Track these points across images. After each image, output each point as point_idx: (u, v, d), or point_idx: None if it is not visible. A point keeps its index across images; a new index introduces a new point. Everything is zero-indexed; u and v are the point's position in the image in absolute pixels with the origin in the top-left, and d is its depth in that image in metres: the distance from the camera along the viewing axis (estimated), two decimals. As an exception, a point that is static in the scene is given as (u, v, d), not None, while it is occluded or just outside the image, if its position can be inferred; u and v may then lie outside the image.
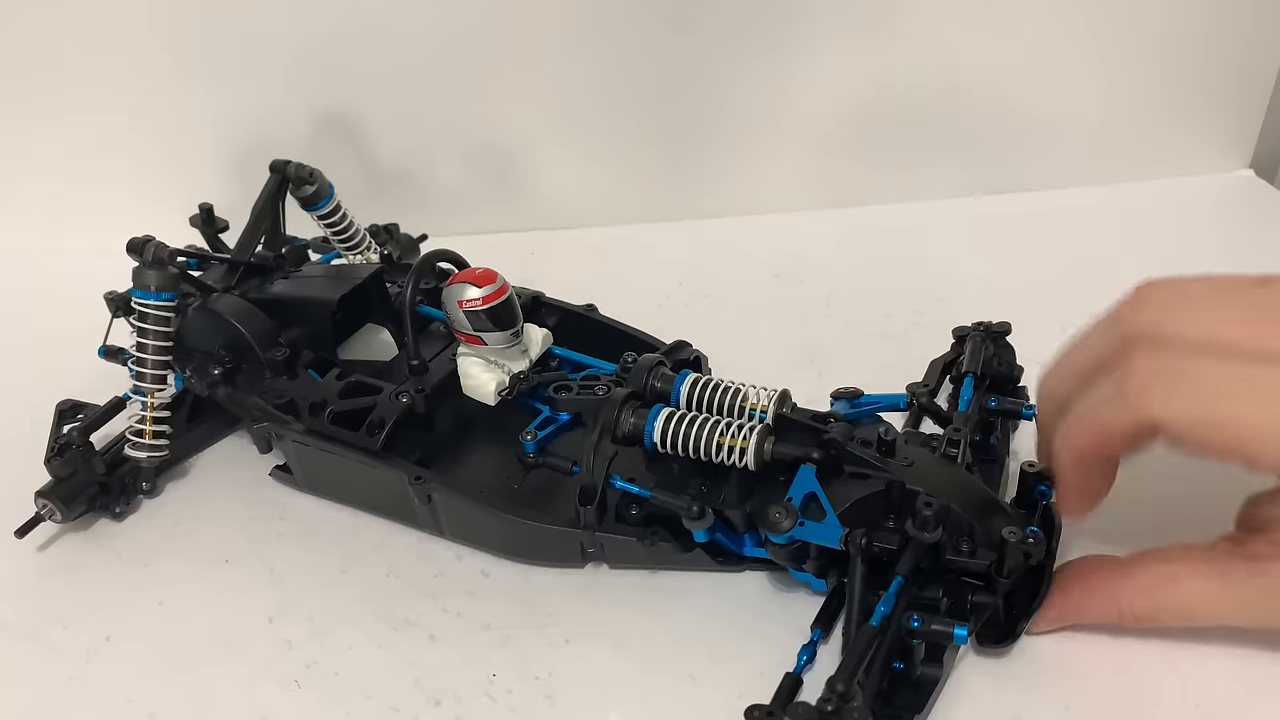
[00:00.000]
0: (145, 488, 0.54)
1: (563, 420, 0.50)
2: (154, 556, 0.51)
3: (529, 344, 0.53)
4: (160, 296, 0.52)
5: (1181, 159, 0.82)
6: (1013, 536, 0.41)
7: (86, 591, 0.50)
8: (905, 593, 0.41)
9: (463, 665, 0.44)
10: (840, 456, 0.45)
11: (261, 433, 0.52)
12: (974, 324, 0.55)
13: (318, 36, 0.73)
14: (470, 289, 0.49)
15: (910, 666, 0.40)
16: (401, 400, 0.50)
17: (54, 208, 0.79)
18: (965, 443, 0.46)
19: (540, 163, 0.79)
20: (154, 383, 0.53)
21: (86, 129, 0.76)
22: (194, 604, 0.49)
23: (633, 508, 0.47)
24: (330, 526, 0.52)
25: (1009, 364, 0.54)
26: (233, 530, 0.52)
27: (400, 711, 0.43)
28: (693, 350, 0.54)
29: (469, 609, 0.47)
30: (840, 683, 0.36)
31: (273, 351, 0.53)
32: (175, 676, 0.45)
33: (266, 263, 0.59)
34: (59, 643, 0.47)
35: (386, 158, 0.79)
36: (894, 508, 0.44)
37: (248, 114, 0.75)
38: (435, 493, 0.48)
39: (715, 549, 0.47)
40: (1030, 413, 0.50)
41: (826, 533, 0.42)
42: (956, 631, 0.39)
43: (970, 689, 0.42)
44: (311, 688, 0.44)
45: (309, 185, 0.60)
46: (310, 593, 0.49)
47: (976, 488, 0.45)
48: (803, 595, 0.47)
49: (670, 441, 0.46)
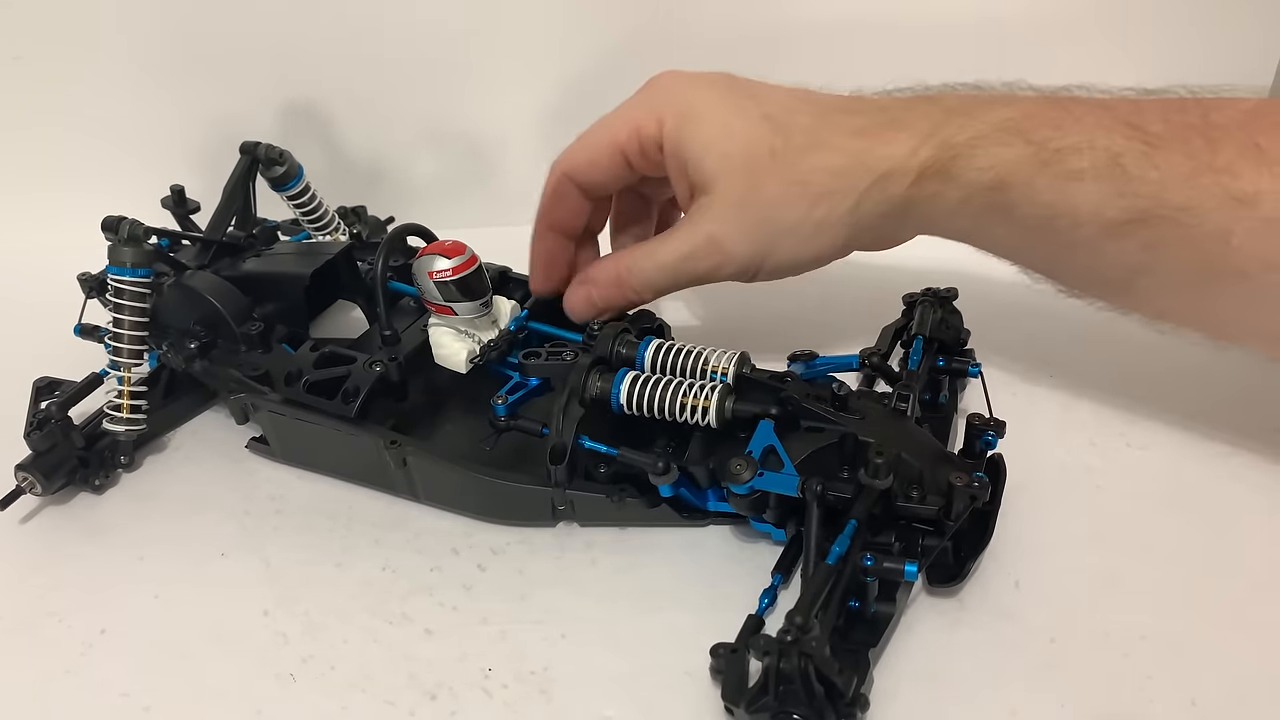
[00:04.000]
0: (124, 461, 0.55)
1: (532, 385, 0.52)
2: (149, 549, 0.51)
3: (498, 314, 0.55)
4: (136, 273, 0.53)
5: None
6: (959, 481, 0.43)
7: (82, 584, 0.50)
8: (859, 536, 0.43)
9: (459, 660, 0.45)
10: (797, 412, 0.47)
11: (238, 404, 0.54)
12: (923, 290, 0.57)
13: (315, 29, 0.74)
14: (440, 260, 0.51)
15: (865, 603, 0.43)
16: (375, 369, 0.51)
17: (21, 201, 0.78)
18: (914, 398, 0.49)
19: (542, 155, 0.79)
20: (130, 358, 0.54)
21: (56, 122, 0.76)
22: (190, 597, 0.49)
23: (601, 466, 0.49)
24: (326, 520, 0.52)
25: (956, 327, 0.56)
26: (229, 523, 0.53)
27: (396, 705, 0.43)
28: (656, 319, 0.56)
29: (465, 603, 0.48)
30: (799, 615, 0.38)
31: (247, 326, 0.55)
32: (171, 670, 0.45)
33: (238, 242, 0.61)
34: (54, 636, 0.47)
35: (384, 152, 0.79)
36: (848, 458, 0.46)
37: (220, 109, 0.74)
38: (410, 456, 0.50)
39: (681, 504, 0.50)
40: (975, 371, 0.53)
41: (784, 482, 0.44)
42: (907, 568, 0.41)
43: (971, 690, 0.43)
44: (307, 681, 0.44)
45: (279, 166, 0.61)
46: (306, 586, 0.49)
47: (925, 439, 0.47)
48: (765, 546, 0.49)
49: (636, 403, 0.49)
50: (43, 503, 0.54)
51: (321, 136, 0.77)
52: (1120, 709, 0.41)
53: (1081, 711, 0.41)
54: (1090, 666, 0.43)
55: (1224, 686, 0.42)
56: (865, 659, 0.41)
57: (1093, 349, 0.60)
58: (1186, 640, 0.44)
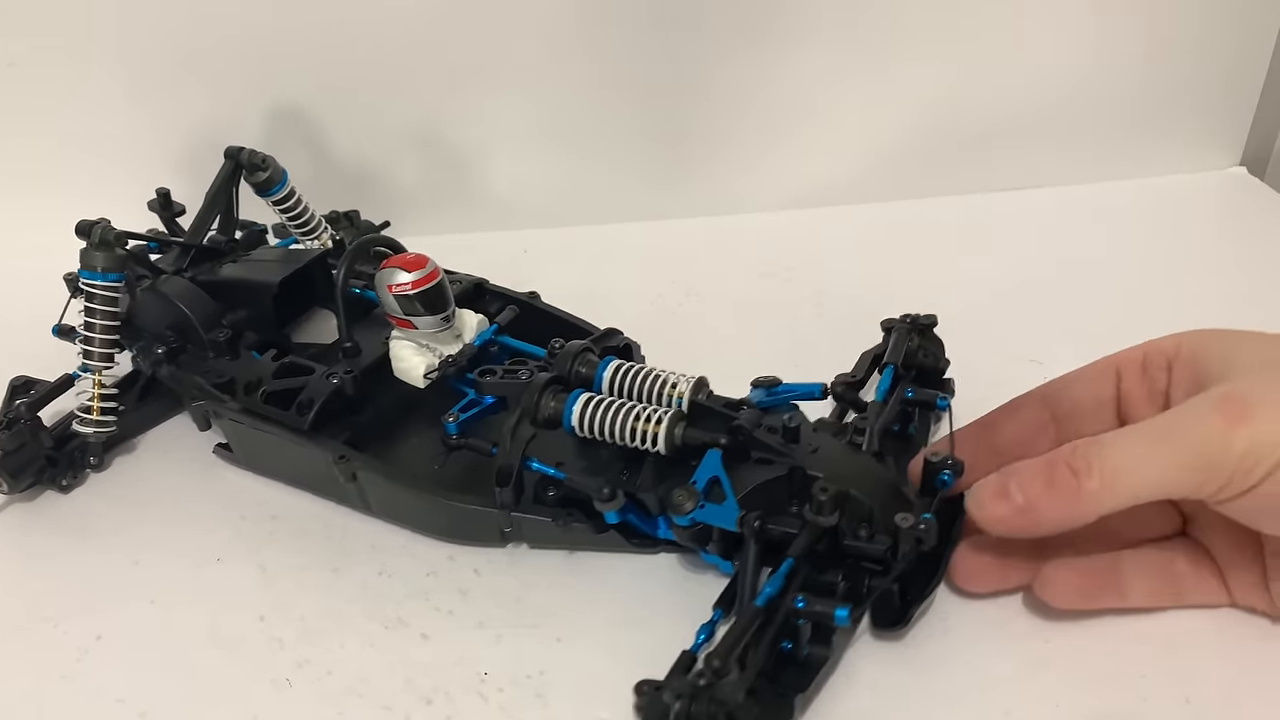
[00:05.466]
0: (93, 462, 0.56)
1: (487, 403, 0.51)
2: (145, 555, 0.51)
3: (462, 328, 0.54)
4: (107, 277, 0.54)
5: (1174, 157, 0.82)
6: (904, 522, 0.41)
7: (77, 590, 0.50)
8: (797, 575, 0.42)
9: (454, 664, 0.45)
10: (747, 442, 0.46)
11: (199, 410, 0.54)
12: (901, 315, 0.56)
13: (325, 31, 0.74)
14: (400, 274, 0.51)
15: (798, 646, 0.41)
16: (332, 381, 0.51)
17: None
18: (872, 431, 0.47)
19: (535, 161, 0.80)
20: (101, 360, 0.55)
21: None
22: (185, 603, 0.49)
23: (550, 490, 0.49)
24: (322, 525, 0.52)
25: (935, 355, 0.54)
26: (224, 528, 0.53)
27: (392, 710, 0.43)
28: (623, 338, 0.55)
29: (461, 608, 0.47)
30: (717, 659, 0.37)
31: (215, 332, 0.55)
32: (167, 675, 0.45)
33: (219, 246, 0.61)
34: (49, 641, 0.47)
35: (372, 158, 0.79)
36: (796, 492, 0.45)
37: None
38: (360, 471, 0.49)
39: (630, 531, 0.48)
40: (944, 403, 0.51)
41: (724, 515, 0.43)
42: (838, 613, 0.40)
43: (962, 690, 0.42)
44: (303, 687, 0.44)
45: (262, 171, 0.61)
46: (302, 592, 0.49)
47: (880, 474, 0.46)
48: (713, 577, 0.48)
49: (588, 426, 0.48)
50: (41, 503, 0.55)
51: (310, 142, 0.77)
52: (1114, 707, 0.40)
53: (1076, 710, 0.40)
54: (1083, 665, 0.42)
55: (1218, 684, 0.41)
56: (790, 705, 0.39)
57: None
58: (1180, 638, 0.43)
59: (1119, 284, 0.69)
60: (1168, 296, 0.68)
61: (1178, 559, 0.43)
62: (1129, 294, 0.68)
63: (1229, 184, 0.83)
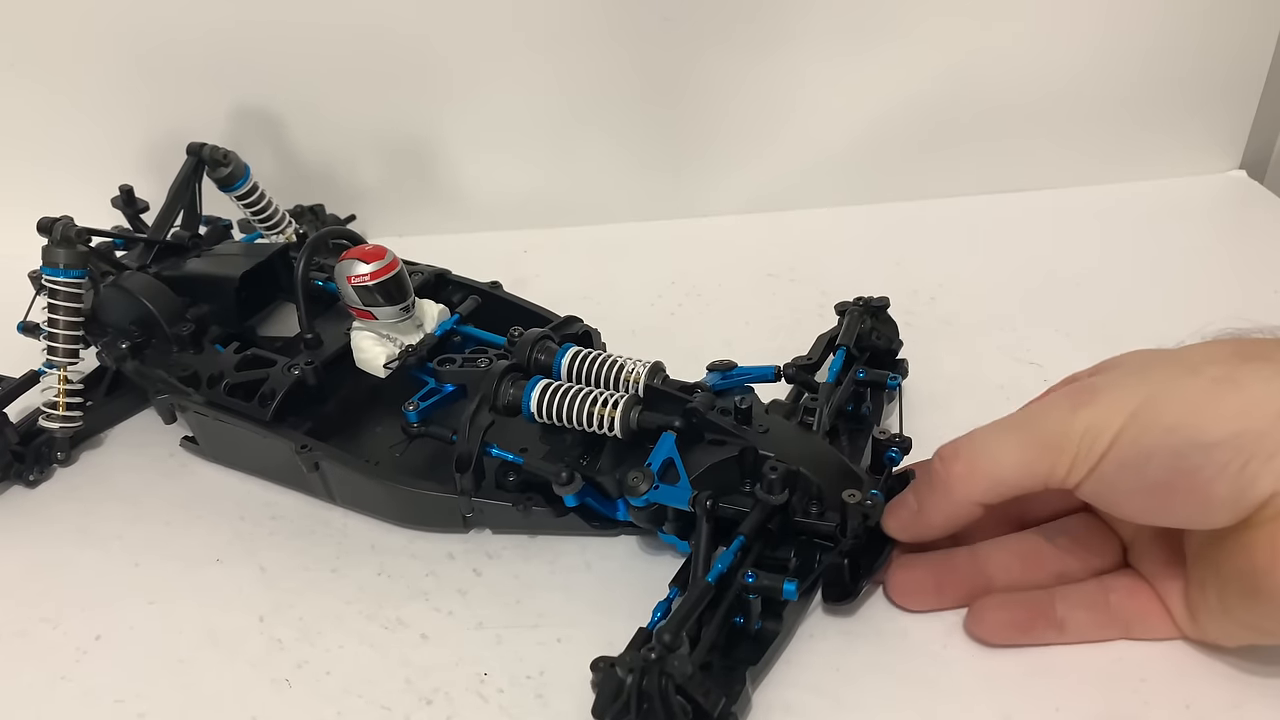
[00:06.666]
0: (60, 457, 0.56)
1: (447, 391, 0.52)
2: (144, 556, 0.51)
3: (423, 318, 0.55)
4: (69, 274, 0.54)
5: (1173, 160, 0.82)
6: (852, 499, 0.43)
7: (76, 591, 0.50)
8: (748, 552, 0.43)
9: (454, 665, 0.45)
10: (701, 424, 0.47)
11: (164, 404, 0.55)
12: (854, 299, 0.57)
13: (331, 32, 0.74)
14: (359, 265, 0.51)
15: (749, 620, 0.42)
16: (293, 373, 0.52)
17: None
18: (822, 411, 0.48)
19: (534, 161, 0.80)
20: (65, 356, 0.55)
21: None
22: (185, 603, 0.49)
23: (510, 475, 0.49)
24: (322, 526, 0.52)
25: (888, 337, 0.56)
26: (224, 529, 0.53)
27: (391, 711, 0.43)
28: (583, 325, 0.56)
29: (461, 608, 0.47)
30: (668, 633, 0.38)
31: (178, 327, 0.56)
32: (166, 676, 0.45)
33: (182, 242, 0.61)
34: (49, 642, 0.47)
35: (374, 156, 0.79)
36: (748, 472, 0.46)
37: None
38: (322, 460, 0.50)
39: (590, 514, 0.49)
40: (895, 383, 0.52)
41: (677, 495, 0.44)
42: (786, 586, 0.41)
43: (963, 691, 0.42)
44: (302, 687, 0.44)
45: (224, 166, 0.62)
46: (301, 592, 0.49)
47: (830, 454, 0.47)
48: (669, 556, 0.49)
49: (547, 412, 0.49)
50: (40, 505, 0.55)
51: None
52: (1115, 712, 0.41)
53: (1077, 715, 0.41)
54: (1085, 670, 0.42)
55: (1219, 690, 0.41)
56: (742, 677, 0.40)
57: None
58: (1180, 643, 0.43)
59: (1118, 286, 0.69)
60: (1167, 299, 0.67)
61: (1115, 589, 0.43)
62: (1128, 297, 0.68)
63: (1229, 187, 0.83)
